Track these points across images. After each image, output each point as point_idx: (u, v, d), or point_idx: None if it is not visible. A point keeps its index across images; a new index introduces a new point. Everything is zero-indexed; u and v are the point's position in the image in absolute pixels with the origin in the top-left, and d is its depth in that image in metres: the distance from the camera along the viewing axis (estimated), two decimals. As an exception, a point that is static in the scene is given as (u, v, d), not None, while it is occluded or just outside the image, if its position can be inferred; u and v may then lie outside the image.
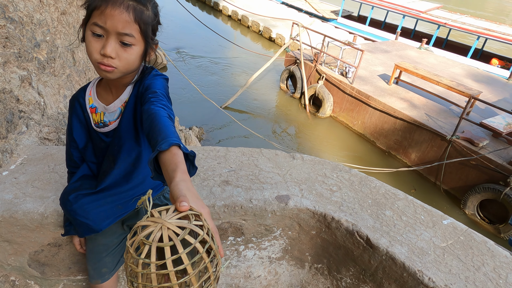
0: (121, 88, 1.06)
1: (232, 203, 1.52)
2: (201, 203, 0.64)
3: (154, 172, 0.75)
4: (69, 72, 2.82)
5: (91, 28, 0.90)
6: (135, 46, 0.93)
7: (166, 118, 0.85)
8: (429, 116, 6.88)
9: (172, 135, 0.78)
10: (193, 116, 7.91)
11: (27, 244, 1.43)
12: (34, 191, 1.44)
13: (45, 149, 1.75)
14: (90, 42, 0.91)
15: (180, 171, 0.68)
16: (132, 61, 0.95)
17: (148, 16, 0.93)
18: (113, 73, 0.94)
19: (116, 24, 0.88)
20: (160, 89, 0.99)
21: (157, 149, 0.73)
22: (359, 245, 1.50)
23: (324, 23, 15.63)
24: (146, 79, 1.03)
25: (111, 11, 0.87)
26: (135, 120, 1.05)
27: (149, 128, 0.84)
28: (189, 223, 0.57)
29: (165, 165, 0.71)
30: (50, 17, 2.62)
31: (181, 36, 12.92)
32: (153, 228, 0.55)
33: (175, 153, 0.72)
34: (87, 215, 1.11)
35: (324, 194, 1.65)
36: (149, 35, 0.96)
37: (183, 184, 0.65)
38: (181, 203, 0.59)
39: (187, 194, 0.63)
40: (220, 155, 1.84)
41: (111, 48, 0.89)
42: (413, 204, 1.69)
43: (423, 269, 1.34)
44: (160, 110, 0.88)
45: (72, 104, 1.13)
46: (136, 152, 1.10)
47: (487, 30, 11.41)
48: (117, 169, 1.10)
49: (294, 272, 1.81)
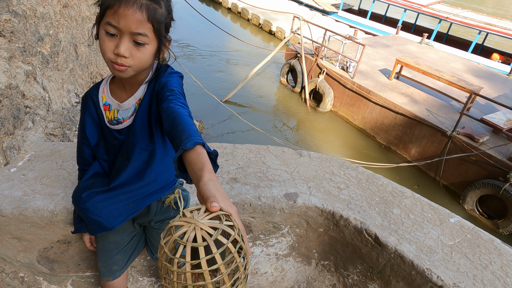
0: (135, 86, 1.05)
1: (241, 201, 1.52)
2: (229, 203, 0.65)
3: (178, 170, 0.75)
4: (72, 66, 2.80)
5: (104, 27, 0.89)
6: (148, 45, 0.93)
7: (187, 117, 0.86)
8: (429, 111, 6.88)
9: (195, 133, 0.78)
10: (193, 110, 7.87)
11: (36, 241, 1.43)
12: (43, 188, 1.44)
13: (52, 145, 1.74)
14: (103, 41, 0.91)
15: (207, 170, 0.68)
16: (146, 60, 0.95)
17: (161, 14, 0.93)
18: (126, 72, 0.94)
19: (130, 24, 0.87)
20: (177, 87, 0.99)
21: (181, 147, 0.73)
22: (368, 243, 1.51)
23: (325, 17, 15.52)
24: (162, 77, 1.03)
25: (124, 11, 0.86)
26: (150, 118, 1.05)
27: (171, 126, 0.84)
28: (220, 224, 0.58)
29: (191, 164, 0.71)
30: (52, 10, 2.59)
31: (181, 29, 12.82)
32: (186, 228, 0.56)
33: (200, 152, 0.72)
34: (100, 213, 1.11)
35: (332, 192, 1.66)
36: (162, 34, 0.95)
37: (212, 184, 0.65)
38: (212, 203, 0.60)
39: (216, 194, 0.63)
40: (228, 152, 1.84)
41: (124, 47, 0.89)
42: (420, 202, 1.69)
43: (432, 268, 1.35)
44: (180, 108, 0.88)
45: (85, 101, 1.13)
46: (149, 150, 1.10)
47: (488, 24, 11.37)
48: (131, 166, 1.10)
49: (301, 268, 1.82)
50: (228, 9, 16.98)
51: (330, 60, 8.66)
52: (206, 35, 12.58)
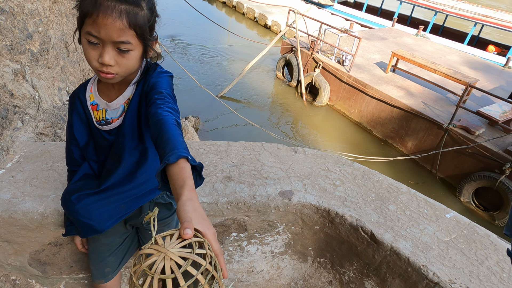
0: (124, 85, 1.02)
1: (235, 200, 1.50)
2: (207, 224, 0.63)
3: (162, 183, 0.73)
4: (63, 64, 2.75)
5: (85, 36, 0.86)
6: (133, 51, 0.90)
7: (174, 126, 0.83)
8: (425, 104, 6.87)
9: (180, 146, 0.75)
10: (189, 105, 7.83)
11: (27, 244, 1.41)
12: (33, 190, 1.41)
13: (42, 145, 1.71)
14: (87, 49, 0.88)
15: (188, 188, 0.66)
16: (132, 65, 0.92)
17: (143, 17, 0.88)
18: (114, 79, 0.92)
19: (111, 33, 0.83)
20: (166, 89, 0.96)
21: (164, 161, 0.71)
22: (363, 240, 1.50)
23: (320, 10, 15.42)
24: (151, 76, 1.00)
25: (103, 20, 0.82)
26: (140, 118, 1.02)
27: (156, 135, 0.82)
28: (192, 253, 0.57)
29: (173, 179, 0.69)
30: (41, 7, 2.53)
31: (175, 24, 12.69)
32: (156, 258, 0.55)
33: (183, 167, 0.70)
34: (90, 216, 1.09)
35: (327, 189, 1.64)
36: (146, 37, 0.91)
37: (190, 205, 0.63)
38: (185, 230, 0.58)
39: (193, 215, 0.62)
40: (222, 150, 1.81)
41: (108, 56, 0.86)
42: (416, 198, 1.68)
43: (428, 264, 1.34)
44: (167, 115, 0.85)
45: (72, 101, 1.09)
46: (140, 150, 1.08)
47: (484, 16, 11.34)
48: (122, 167, 1.08)
49: (297, 266, 1.81)
50: (223, 3, 16.82)
51: (326, 53, 8.61)
52: (201, 30, 12.47)
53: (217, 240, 0.63)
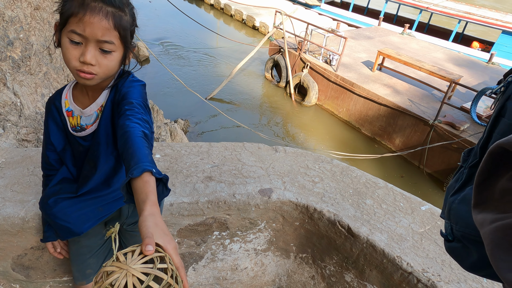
0: (98, 92, 1.04)
1: (215, 199, 1.53)
2: (168, 239, 0.65)
3: (127, 195, 0.74)
4: (46, 70, 2.76)
5: (68, 35, 0.88)
6: (115, 52, 0.93)
7: (140, 138, 0.84)
8: (412, 101, 6.99)
9: (144, 159, 0.77)
10: (178, 108, 7.84)
11: (9, 248, 1.42)
12: (14, 195, 1.42)
13: (23, 151, 1.72)
14: (67, 49, 0.89)
15: (150, 203, 0.67)
16: (112, 67, 0.95)
17: (126, 21, 0.93)
18: (93, 80, 0.94)
19: (96, 32, 0.86)
20: (137, 99, 0.97)
21: (128, 175, 0.72)
22: (341, 234, 1.54)
23: (308, 10, 15.54)
24: (122, 86, 1.01)
25: (90, 19, 0.85)
26: (114, 126, 1.04)
27: (122, 148, 0.83)
28: (153, 268, 0.59)
29: (136, 193, 0.71)
30: (23, 13, 2.54)
31: (163, 27, 12.67)
32: (118, 275, 0.56)
33: (147, 181, 0.71)
34: (68, 219, 1.11)
35: (306, 186, 1.68)
36: (128, 40, 0.95)
37: (151, 220, 0.65)
38: (146, 246, 0.60)
39: (154, 230, 0.63)
40: (203, 151, 1.84)
41: (91, 55, 0.88)
42: (392, 192, 1.73)
43: (402, 255, 1.38)
44: (135, 127, 0.86)
45: (48, 107, 1.12)
46: (116, 157, 1.10)
47: (467, 13, 11.55)
48: (98, 173, 1.10)
49: (280, 262, 1.85)
50: (211, 6, 16.84)
51: (313, 54, 8.70)
52: (188, 33, 12.47)
53: (178, 254, 0.65)
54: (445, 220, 0.76)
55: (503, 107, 0.67)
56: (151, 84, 8.11)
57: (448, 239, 0.75)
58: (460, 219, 0.68)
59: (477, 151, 0.71)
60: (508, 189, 0.40)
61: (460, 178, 0.74)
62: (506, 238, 0.37)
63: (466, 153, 0.78)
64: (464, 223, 0.66)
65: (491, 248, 0.39)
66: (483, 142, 0.69)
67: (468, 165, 0.73)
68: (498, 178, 0.41)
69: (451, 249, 0.75)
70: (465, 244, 0.68)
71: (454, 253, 0.74)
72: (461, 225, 0.68)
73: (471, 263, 0.68)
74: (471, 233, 0.65)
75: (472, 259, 0.67)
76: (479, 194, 0.45)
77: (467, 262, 0.69)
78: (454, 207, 0.71)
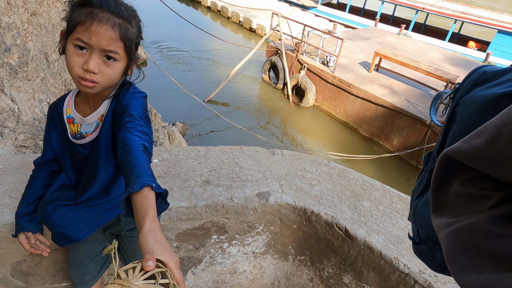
0: (99, 101, 1.05)
1: (213, 203, 1.54)
2: (169, 254, 0.65)
3: (126, 209, 0.75)
4: (44, 75, 2.76)
5: (73, 42, 0.89)
6: (119, 62, 0.94)
7: (140, 152, 0.84)
8: (409, 101, 7.02)
9: (144, 173, 0.77)
10: (176, 111, 7.85)
11: (8, 255, 1.43)
12: (12, 202, 1.42)
13: (21, 157, 1.73)
14: (72, 56, 0.90)
15: (149, 218, 0.68)
16: (115, 77, 0.96)
17: (132, 33, 0.94)
18: (94, 88, 0.94)
19: (101, 41, 0.87)
20: (137, 111, 0.98)
21: (128, 190, 0.73)
22: (339, 237, 1.55)
23: (304, 12, 15.59)
24: (123, 97, 1.02)
25: (97, 28, 0.86)
26: (113, 135, 1.05)
27: (122, 161, 0.83)
28: (155, 284, 0.59)
29: (136, 208, 0.71)
30: (19, 19, 2.54)
31: (160, 30, 12.69)
32: None
33: (146, 196, 0.72)
34: (66, 225, 1.12)
35: (303, 189, 1.69)
36: (133, 52, 0.97)
37: (151, 236, 0.65)
38: (147, 262, 0.60)
39: (155, 246, 0.64)
40: (201, 155, 1.85)
41: (94, 63, 0.89)
42: (389, 193, 1.74)
43: (399, 256, 1.40)
44: (135, 140, 0.87)
45: (50, 113, 1.13)
46: (115, 165, 1.10)
47: (463, 13, 11.62)
48: (97, 182, 1.10)
49: (279, 265, 1.86)
50: (207, 8, 16.88)
51: (311, 55, 8.72)
52: (186, 36, 12.49)
53: (179, 268, 0.66)
54: (412, 223, 0.78)
55: (453, 112, 0.67)
56: (148, 87, 8.12)
57: (415, 242, 0.76)
58: (424, 222, 0.70)
59: (434, 155, 0.73)
60: (459, 194, 0.41)
61: (422, 182, 0.75)
62: (458, 241, 0.38)
63: (426, 156, 0.78)
64: (428, 226, 0.68)
65: (447, 252, 0.40)
66: (438, 147, 0.70)
67: (428, 168, 0.74)
68: (450, 184, 0.43)
69: (418, 251, 0.76)
70: (430, 246, 0.70)
71: (421, 255, 0.75)
72: (425, 228, 0.69)
73: (437, 263, 0.70)
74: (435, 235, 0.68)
75: (438, 260, 0.69)
76: (435, 199, 0.46)
77: (434, 263, 0.71)
78: (418, 210, 0.72)
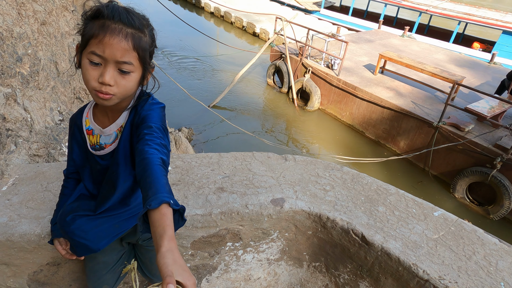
0: (117, 113, 1.06)
1: (228, 210, 1.53)
2: (187, 275, 0.66)
3: (144, 225, 0.75)
4: (54, 84, 2.79)
5: (88, 56, 0.89)
6: (134, 73, 0.94)
7: (159, 166, 0.84)
8: (415, 103, 6.98)
9: (162, 189, 0.77)
10: (181, 117, 7.87)
11: (25, 265, 1.43)
12: (29, 212, 1.43)
13: (36, 167, 1.74)
14: (87, 70, 0.90)
15: (167, 237, 0.68)
16: (130, 87, 0.96)
17: (146, 42, 0.94)
18: (111, 100, 0.94)
19: (115, 53, 0.88)
20: (156, 123, 0.98)
21: (146, 206, 0.73)
22: (355, 243, 1.54)
23: (307, 16, 15.64)
24: (142, 108, 1.02)
25: (110, 40, 0.86)
26: (132, 146, 1.05)
27: (140, 175, 0.83)
28: None
29: (153, 225, 0.71)
30: (30, 29, 2.57)
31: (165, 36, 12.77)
32: None
33: (164, 213, 0.72)
34: (86, 236, 1.12)
35: (318, 194, 1.68)
36: (147, 61, 0.96)
37: (170, 257, 0.66)
38: (168, 285, 0.61)
39: (174, 268, 0.64)
40: (213, 162, 1.85)
41: (109, 76, 0.89)
42: (404, 198, 1.73)
43: (417, 262, 1.38)
44: (153, 153, 0.87)
45: (70, 126, 1.15)
46: (134, 176, 1.11)
47: (467, 14, 11.58)
48: (117, 193, 1.11)
49: (293, 271, 1.85)
50: (211, 14, 16.99)
51: (315, 58, 8.73)
52: (190, 42, 12.57)
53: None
54: None
55: None
56: (154, 94, 8.15)
57: None
58: None
59: None
60: None
61: None
62: None
63: None
64: None
65: None
66: None
67: None
68: None
69: None
70: None
71: None
72: None
73: None
74: None
75: None
76: None
77: None
78: None
